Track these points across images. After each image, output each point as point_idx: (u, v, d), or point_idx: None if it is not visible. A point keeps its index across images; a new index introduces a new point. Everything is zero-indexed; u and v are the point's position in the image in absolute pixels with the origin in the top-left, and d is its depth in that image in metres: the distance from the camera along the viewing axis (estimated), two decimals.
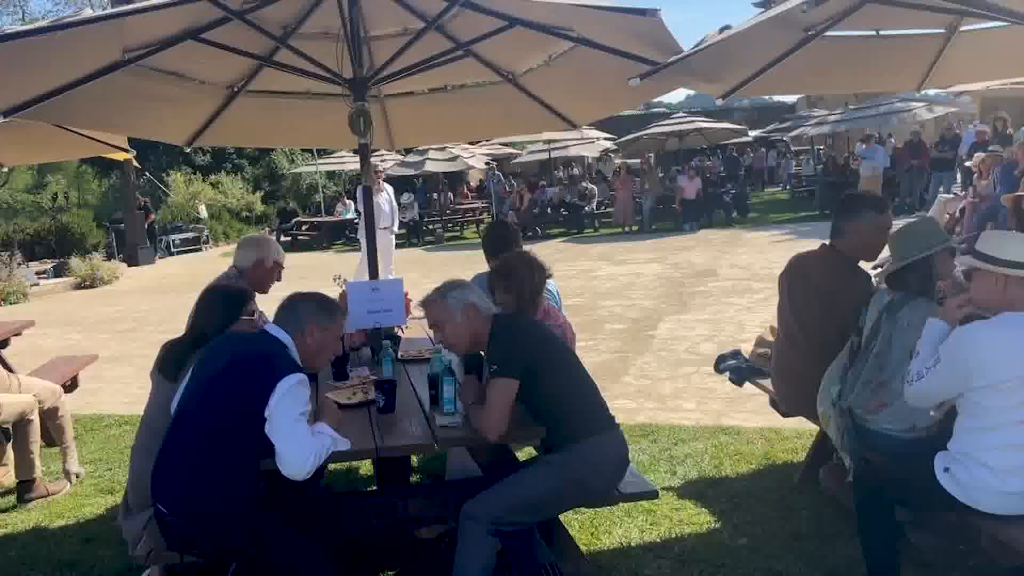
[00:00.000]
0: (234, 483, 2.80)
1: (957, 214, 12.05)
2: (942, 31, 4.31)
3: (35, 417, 4.72)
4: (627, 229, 19.37)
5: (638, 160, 22.55)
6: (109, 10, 3.29)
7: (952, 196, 13.69)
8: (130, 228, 19.99)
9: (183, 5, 3.27)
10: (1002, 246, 2.73)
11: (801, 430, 4.79)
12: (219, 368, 2.90)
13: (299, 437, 2.75)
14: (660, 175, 21.66)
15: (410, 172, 23.22)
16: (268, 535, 2.83)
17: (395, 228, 12.09)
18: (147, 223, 20.90)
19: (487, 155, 25.39)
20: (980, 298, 2.80)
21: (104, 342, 9.76)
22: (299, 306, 3.01)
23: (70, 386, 5.52)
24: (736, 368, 4.58)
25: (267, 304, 3.64)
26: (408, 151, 23.50)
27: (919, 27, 4.32)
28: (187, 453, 2.83)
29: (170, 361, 3.38)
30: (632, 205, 19.81)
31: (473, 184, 28.74)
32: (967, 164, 13.97)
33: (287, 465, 2.74)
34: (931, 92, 19.88)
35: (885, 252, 3.58)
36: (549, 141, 22.75)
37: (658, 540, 3.78)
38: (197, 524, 2.80)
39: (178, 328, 3.62)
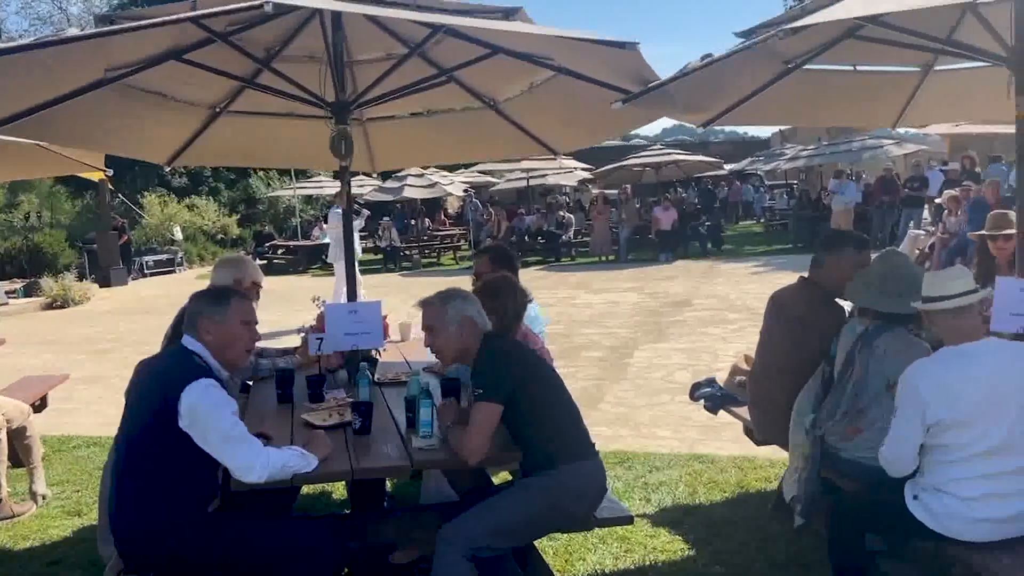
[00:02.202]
0: (171, 501, 2.76)
1: (927, 249, 12.26)
2: (917, 69, 4.42)
3: (2, 436, 4.63)
4: (604, 259, 19.48)
5: (615, 190, 22.76)
6: (94, 30, 3.29)
7: (922, 232, 13.92)
8: (103, 248, 19.76)
9: (168, 27, 3.28)
10: (926, 285, 2.83)
11: (775, 459, 4.82)
12: (140, 391, 2.89)
13: (240, 446, 2.73)
14: (637, 206, 21.85)
15: (388, 198, 23.26)
16: (229, 553, 2.80)
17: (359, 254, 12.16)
18: (121, 244, 20.67)
19: (465, 182, 25.50)
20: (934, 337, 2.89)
21: (78, 362, 9.61)
22: (189, 308, 2.95)
23: (39, 406, 5.42)
24: (711, 396, 4.61)
25: None
26: (386, 177, 23.55)
27: (896, 64, 4.43)
28: (123, 475, 2.82)
29: None
30: (609, 235, 19.95)
31: (451, 211, 28.80)
32: (937, 201, 14.24)
33: (235, 472, 2.74)
34: (902, 130, 20.34)
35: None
36: (528, 169, 22.92)
37: (632, 567, 3.77)
38: (142, 545, 2.77)
39: (154, 350, 3.59)
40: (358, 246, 11.92)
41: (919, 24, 3.53)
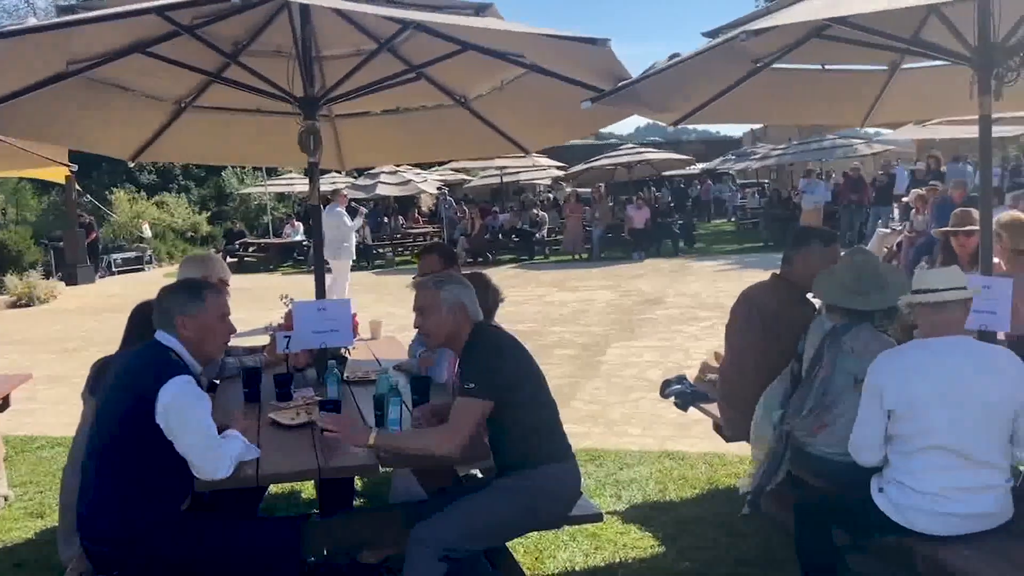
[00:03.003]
0: (146, 502, 2.74)
1: (895, 248, 12.43)
2: (885, 68, 4.47)
3: None
4: (577, 257, 19.52)
5: (589, 189, 22.83)
6: (56, 19, 3.22)
7: (890, 231, 14.11)
8: (70, 246, 19.43)
9: (132, 19, 3.22)
10: (918, 279, 2.87)
11: (744, 455, 4.84)
12: (112, 391, 2.84)
13: (212, 445, 2.72)
14: (610, 204, 21.93)
15: (361, 195, 23.12)
16: (197, 553, 2.76)
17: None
18: (88, 241, 20.35)
19: (439, 180, 25.43)
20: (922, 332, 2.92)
21: (43, 361, 9.44)
22: (163, 303, 2.91)
23: (1, 406, 5.31)
24: (681, 393, 4.62)
25: None
26: (360, 174, 23.42)
27: (863, 63, 4.48)
28: (96, 476, 2.77)
29: (100, 381, 3.29)
30: (582, 233, 20.00)
31: (425, 209, 28.71)
32: (904, 200, 14.44)
33: (202, 473, 2.73)
34: (871, 130, 20.62)
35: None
36: (501, 168, 22.91)
37: (602, 564, 3.77)
38: (112, 546, 2.73)
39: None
40: (353, 245, 12.32)
41: (885, 24, 3.56)
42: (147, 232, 23.81)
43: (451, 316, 3.03)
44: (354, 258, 12.47)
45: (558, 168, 24.57)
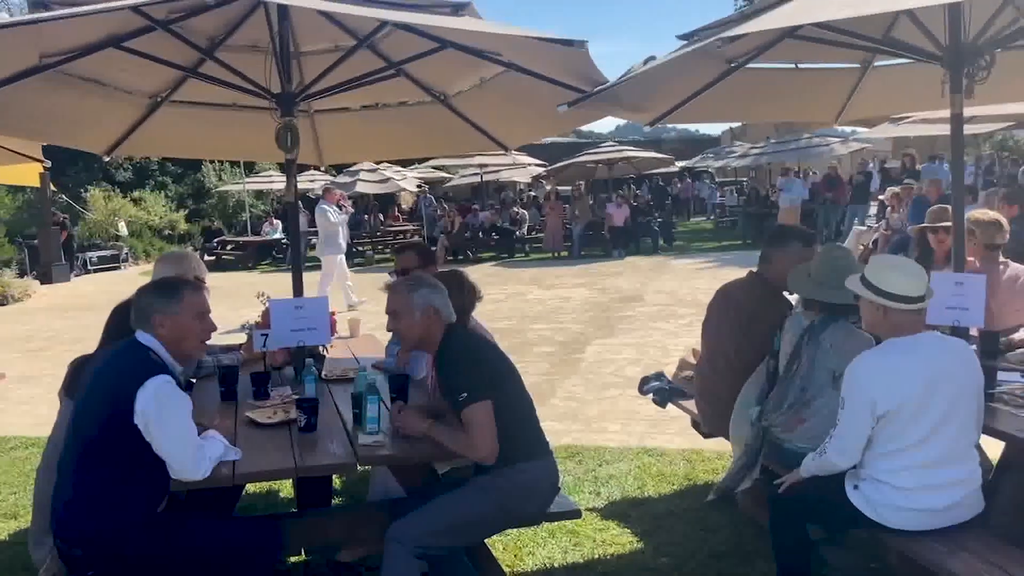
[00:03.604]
0: (127, 502, 2.71)
1: (871, 245, 12.56)
2: (857, 66, 4.52)
3: None
4: (556, 255, 19.55)
5: (569, 187, 22.85)
6: (29, 16, 3.18)
7: (866, 228, 14.25)
8: (44, 244, 19.19)
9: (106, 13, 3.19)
10: (885, 276, 2.80)
11: (721, 451, 4.88)
12: (91, 391, 2.81)
13: (190, 445, 2.70)
14: (590, 202, 21.97)
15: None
16: (173, 553, 2.75)
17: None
18: (63, 239, 20.10)
19: (419, 178, 25.35)
20: (867, 323, 2.92)
21: (13, 361, 9.31)
22: (140, 301, 2.88)
23: None
24: (659, 390, 4.65)
25: None
26: (339, 171, 23.30)
27: (836, 61, 4.52)
28: (78, 475, 2.74)
29: (77, 380, 3.26)
30: (562, 231, 20.03)
31: (404, 207, 28.62)
32: (880, 198, 14.59)
33: (181, 474, 2.71)
34: (847, 129, 20.83)
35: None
36: (481, 166, 22.88)
37: (581, 561, 3.79)
38: (88, 547, 2.70)
39: (92, 347, 3.50)
40: (343, 240, 12.57)
41: (856, 24, 3.60)
42: (123, 230, 23.54)
43: (423, 319, 3.03)
44: (343, 252, 12.53)
45: (538, 166, 24.57)
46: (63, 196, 23.35)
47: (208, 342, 3.06)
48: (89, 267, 21.36)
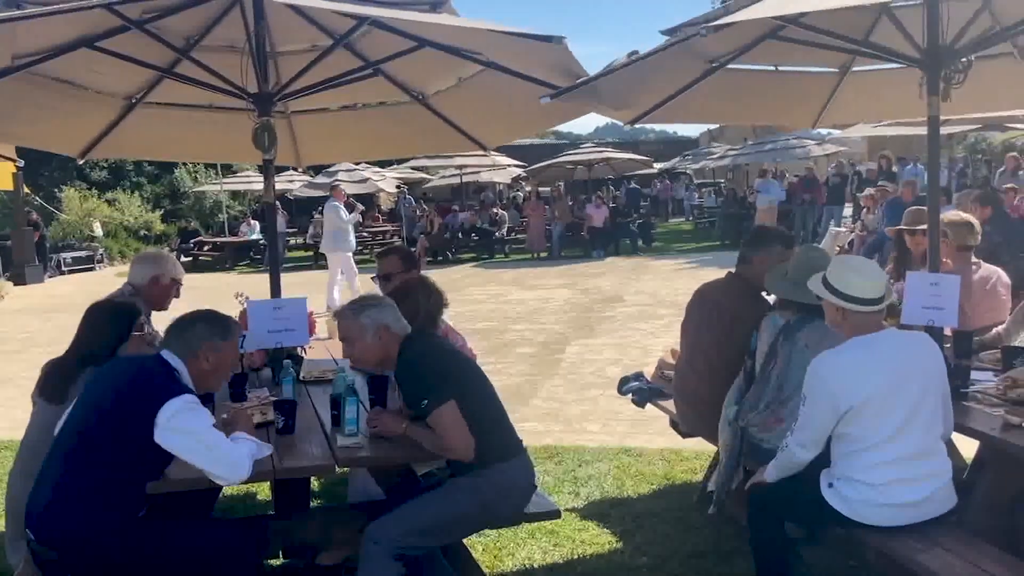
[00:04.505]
0: (112, 508, 2.69)
1: (847, 246, 12.69)
2: (835, 70, 4.56)
3: None
4: (536, 255, 19.56)
5: (549, 188, 22.88)
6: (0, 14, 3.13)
7: (842, 230, 14.41)
8: (17, 245, 18.93)
9: (79, 12, 3.15)
10: (845, 278, 2.84)
11: (700, 451, 4.90)
12: (105, 394, 2.80)
13: (224, 451, 2.70)
14: (570, 203, 22.02)
15: (319, 193, 22.89)
16: (152, 557, 2.72)
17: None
18: (36, 240, 19.84)
19: (398, 178, 25.27)
20: (829, 322, 2.96)
21: None
22: (189, 327, 2.91)
23: None
24: (638, 390, 4.66)
25: (165, 324, 3.49)
26: (317, 172, 23.17)
27: (815, 65, 4.56)
28: (65, 478, 2.70)
29: (53, 382, 3.22)
30: (544, 232, 20.05)
31: (383, 207, 28.50)
32: (859, 196, 14.75)
33: (223, 479, 2.74)
34: (824, 131, 21.05)
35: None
36: (461, 166, 22.86)
37: (561, 561, 3.79)
38: (65, 550, 2.67)
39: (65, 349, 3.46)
40: (352, 238, 12.94)
41: (837, 25, 3.63)
42: (98, 230, 23.28)
43: (376, 339, 3.01)
44: (352, 249, 12.79)
45: (517, 167, 24.58)
46: (37, 196, 23.07)
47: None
48: (63, 268, 21.10)
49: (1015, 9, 3.52)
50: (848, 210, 18.31)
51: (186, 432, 2.68)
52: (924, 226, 5.03)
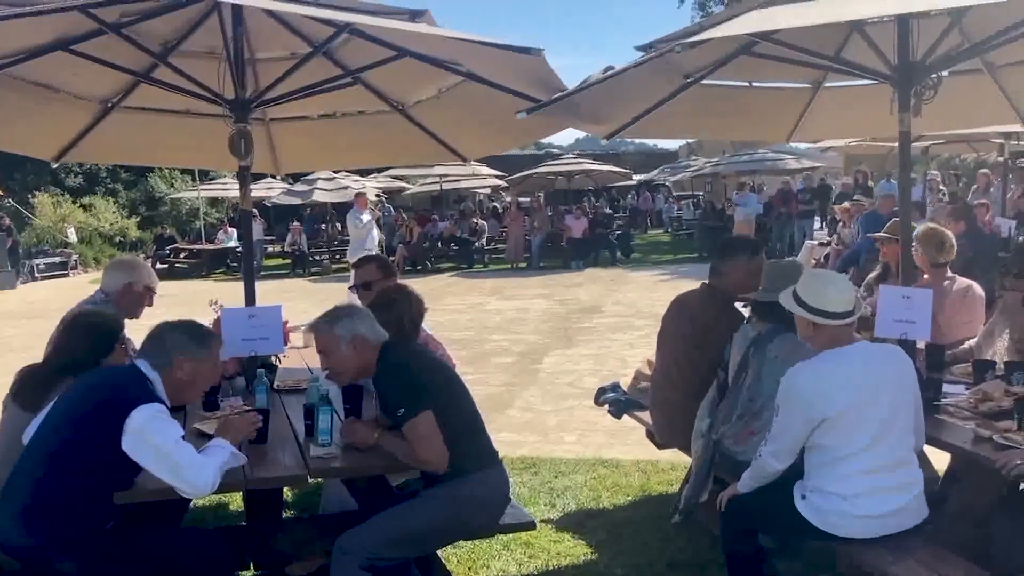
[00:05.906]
0: (81, 518, 2.66)
1: (823, 259, 12.82)
2: (808, 85, 4.61)
3: None
4: (515, 266, 19.58)
5: (528, 198, 22.92)
6: None
7: (818, 243, 14.55)
8: None
9: (54, 15, 3.12)
10: (815, 292, 2.87)
11: (677, 462, 4.91)
12: (75, 402, 2.77)
13: (188, 463, 2.66)
14: (549, 214, 22.07)
15: (297, 201, 22.80)
16: (122, 567, 2.68)
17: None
18: (9, 245, 19.57)
19: (377, 187, 25.19)
20: (801, 335, 2.98)
21: None
22: (166, 338, 2.87)
23: None
24: (615, 401, 4.67)
25: (138, 332, 3.45)
26: (296, 180, 23.06)
27: (788, 80, 4.61)
28: (33, 487, 2.66)
29: (28, 390, 3.16)
30: (524, 242, 20.07)
31: None
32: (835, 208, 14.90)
33: (187, 492, 2.70)
34: (801, 146, 21.32)
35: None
36: (441, 175, 22.85)
37: (536, 572, 3.78)
38: (31, 560, 2.63)
39: (40, 356, 3.40)
40: (372, 244, 12.85)
41: (809, 42, 3.67)
42: (72, 236, 23.01)
43: (351, 350, 2.98)
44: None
45: (498, 177, 24.62)
46: (10, 200, 22.79)
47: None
48: (36, 274, 20.82)
49: (984, 26, 3.57)
50: (818, 223, 18.59)
51: (150, 443, 2.64)
52: (891, 236, 5.10)
